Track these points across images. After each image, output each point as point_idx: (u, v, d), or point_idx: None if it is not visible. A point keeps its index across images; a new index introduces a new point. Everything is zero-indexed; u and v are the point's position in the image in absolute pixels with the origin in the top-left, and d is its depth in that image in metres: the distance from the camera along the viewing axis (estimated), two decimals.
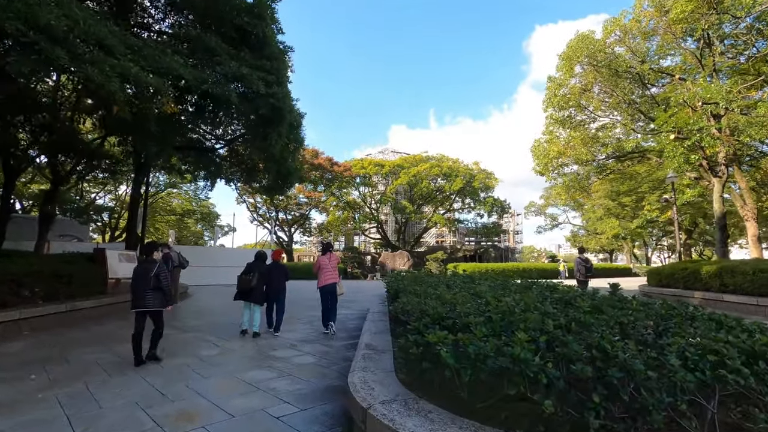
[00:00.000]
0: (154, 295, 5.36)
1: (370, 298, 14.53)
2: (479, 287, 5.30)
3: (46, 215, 15.87)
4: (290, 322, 8.82)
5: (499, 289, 4.88)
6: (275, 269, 7.82)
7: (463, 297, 4.07)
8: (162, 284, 5.38)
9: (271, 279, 7.60)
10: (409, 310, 3.83)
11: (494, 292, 4.56)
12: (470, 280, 7.25)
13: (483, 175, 51.14)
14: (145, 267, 5.47)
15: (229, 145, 17.18)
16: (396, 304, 4.76)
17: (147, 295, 5.32)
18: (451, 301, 3.74)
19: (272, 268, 7.77)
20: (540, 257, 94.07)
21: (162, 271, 5.44)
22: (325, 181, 46.23)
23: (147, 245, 5.86)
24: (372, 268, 38.55)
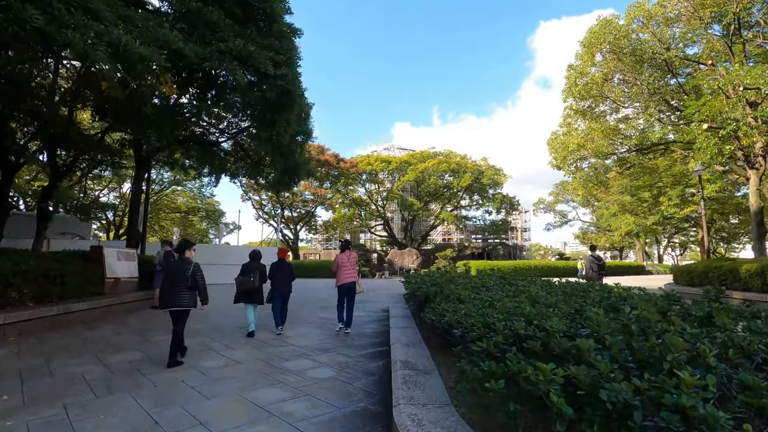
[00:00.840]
0: (190, 294, 5.34)
1: (383, 298, 13.77)
2: (531, 289, 4.54)
3: (43, 212, 15.23)
4: (301, 326, 8.07)
5: (559, 294, 4.10)
6: (282, 268, 7.58)
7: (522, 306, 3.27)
8: (199, 283, 5.37)
9: (277, 278, 7.44)
10: (465, 323, 3.04)
11: (552, 297, 3.78)
12: (505, 281, 6.46)
13: (491, 171, 50.26)
14: (181, 266, 5.42)
15: (234, 138, 16.45)
16: (434, 311, 3.98)
17: (183, 294, 5.27)
18: (519, 311, 2.94)
19: (278, 266, 7.56)
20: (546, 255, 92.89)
21: (198, 270, 5.44)
22: (331, 177, 45.52)
23: (180, 243, 5.76)
24: (379, 266, 37.79)
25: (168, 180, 41.90)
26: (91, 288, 9.12)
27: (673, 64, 16.17)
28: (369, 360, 5.41)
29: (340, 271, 7.57)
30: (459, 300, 4.09)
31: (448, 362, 3.61)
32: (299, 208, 49.57)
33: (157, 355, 5.59)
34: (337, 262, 7.60)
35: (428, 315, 3.99)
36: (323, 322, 8.49)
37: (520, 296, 3.95)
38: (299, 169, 14.86)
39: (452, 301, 4.12)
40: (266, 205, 48.31)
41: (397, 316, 6.32)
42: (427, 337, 4.62)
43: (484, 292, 4.54)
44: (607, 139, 18.75)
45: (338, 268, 7.59)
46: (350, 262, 7.62)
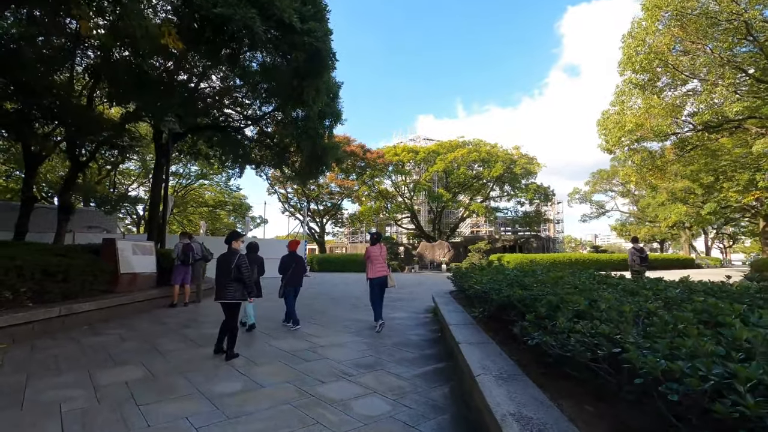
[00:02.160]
0: (236, 287, 5.18)
1: (420, 295, 12.42)
2: (667, 292, 3.12)
3: (65, 204, 14.65)
4: (335, 330, 6.83)
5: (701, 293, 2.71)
6: (295, 261, 7.37)
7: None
8: (243, 275, 5.19)
9: (291, 272, 7.27)
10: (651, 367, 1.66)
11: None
12: (590, 277, 4.97)
13: (524, 160, 48.00)
14: (227, 257, 5.30)
15: (257, 123, 15.39)
16: (556, 336, 2.60)
17: (229, 286, 5.16)
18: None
19: (290, 259, 7.35)
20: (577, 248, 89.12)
21: (243, 262, 5.26)
22: (357, 169, 44.40)
23: (229, 235, 5.55)
24: (406, 259, 36.43)
25: (195, 174, 41.92)
26: (101, 285, 8.18)
27: (755, 26, 13.95)
28: (429, 383, 4.09)
29: (373, 264, 7.25)
30: (579, 313, 2.72)
31: (591, 415, 2.24)
32: (325, 201, 48.76)
33: (162, 373, 4.44)
34: (369, 254, 7.33)
35: (543, 339, 2.62)
36: (360, 326, 7.23)
37: (650, 302, 2.57)
38: (327, 155, 13.65)
39: (567, 312, 2.73)
40: (292, 198, 47.74)
41: (458, 324, 4.95)
42: (524, 362, 3.24)
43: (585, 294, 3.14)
44: (668, 116, 16.65)
45: (369, 261, 7.30)
46: (382, 255, 7.36)
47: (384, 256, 7.43)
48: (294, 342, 5.95)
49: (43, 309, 6.32)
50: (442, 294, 8.80)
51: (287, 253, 7.43)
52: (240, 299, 5.21)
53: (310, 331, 6.80)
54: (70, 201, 14.83)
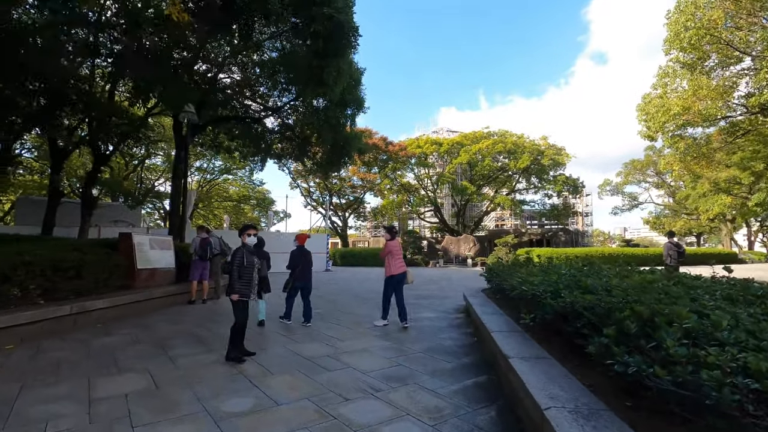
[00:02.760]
0: (233, 282, 4.85)
1: (448, 292, 11.72)
2: None
3: (87, 198, 14.64)
4: (359, 333, 6.24)
5: None
6: (304, 256, 6.98)
7: None
8: (229, 269, 4.88)
9: (300, 267, 6.89)
10: None
11: None
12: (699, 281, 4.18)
13: (552, 151, 46.24)
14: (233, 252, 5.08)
15: (277, 114, 14.93)
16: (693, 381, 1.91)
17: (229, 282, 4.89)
18: None
19: (300, 254, 6.96)
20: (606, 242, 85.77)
21: (235, 255, 4.92)
22: (379, 162, 43.77)
23: (242, 228, 5.18)
24: (429, 253, 35.65)
25: (219, 169, 42.25)
26: (117, 281, 7.87)
27: None
28: (472, 403, 3.44)
29: (393, 260, 6.85)
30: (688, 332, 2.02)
31: None
32: (347, 195, 48.43)
33: (167, 383, 3.95)
34: (390, 249, 6.91)
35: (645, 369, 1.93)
36: (387, 329, 6.62)
37: None
38: (350, 145, 13.07)
39: (672, 331, 2.03)
40: (314, 192, 47.61)
41: (502, 331, 4.28)
42: (601, 388, 2.54)
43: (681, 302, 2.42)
44: (719, 99, 15.25)
45: (391, 256, 6.87)
46: (400, 250, 7.11)
47: (401, 251, 7.15)
48: (314, 346, 5.40)
49: (54, 307, 5.99)
50: (475, 292, 8.10)
51: (295, 248, 7.03)
52: (235, 294, 4.78)
53: (333, 332, 6.24)
54: (92, 195, 14.83)
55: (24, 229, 16.82)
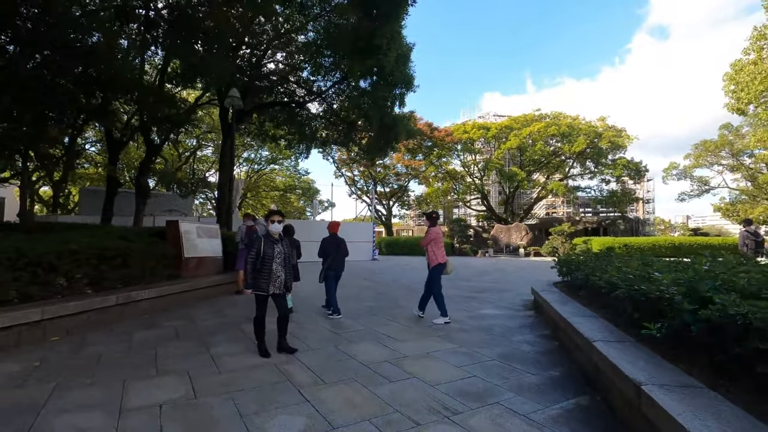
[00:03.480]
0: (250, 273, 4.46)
1: (507, 285, 10.72)
2: None
3: (141, 187, 14.93)
4: (419, 333, 5.51)
5: None
6: (337, 244, 6.70)
7: None
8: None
9: (334, 255, 6.59)
10: None
11: None
12: None
13: (611, 132, 42.95)
14: None
15: (321, 97, 14.40)
16: None
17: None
18: None
19: (332, 242, 6.70)
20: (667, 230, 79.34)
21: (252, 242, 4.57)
22: (423, 149, 42.66)
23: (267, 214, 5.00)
24: (478, 242, 34.28)
25: (266, 159, 43.02)
26: (164, 270, 7.65)
27: None
28: None
29: (438, 248, 6.33)
30: None
31: None
32: (392, 183, 47.80)
33: (206, 391, 3.44)
34: (434, 237, 6.36)
35: None
36: (448, 326, 5.85)
37: None
38: (398, 126, 12.27)
39: None
40: (359, 180, 47.41)
41: (609, 342, 3.38)
42: None
43: None
44: None
45: (435, 244, 6.33)
46: (442, 237, 6.57)
47: (443, 238, 6.61)
48: (369, 347, 4.75)
49: (100, 297, 5.75)
50: (546, 286, 7.12)
51: (328, 236, 6.78)
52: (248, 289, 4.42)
53: (387, 330, 5.57)
54: (146, 184, 15.11)
55: (87, 219, 17.59)
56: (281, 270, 4.47)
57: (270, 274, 4.36)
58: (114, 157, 17.06)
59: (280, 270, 4.45)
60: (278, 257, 4.46)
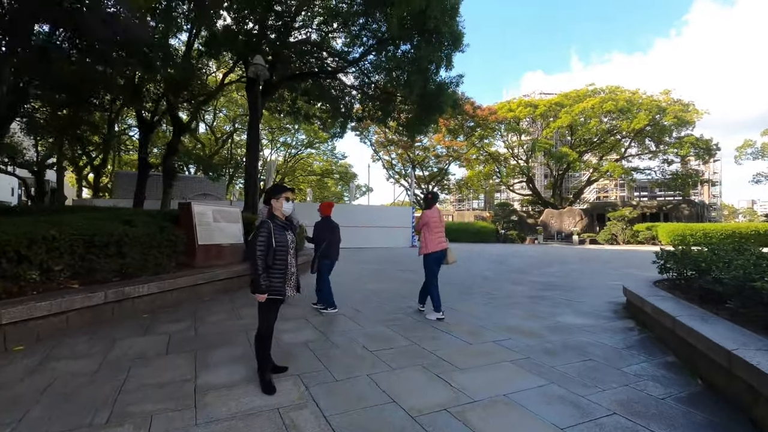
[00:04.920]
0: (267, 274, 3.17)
1: (579, 281, 8.92)
2: None
3: (168, 169, 14.20)
4: (486, 355, 3.99)
5: None
6: (331, 229, 5.73)
7: None
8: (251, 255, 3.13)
9: (328, 241, 5.63)
10: None
11: None
12: None
13: (677, 107, 38.81)
14: None
15: (356, 65, 12.89)
16: None
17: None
18: None
19: (325, 226, 5.73)
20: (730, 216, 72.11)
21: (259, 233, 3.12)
22: (465, 129, 40.28)
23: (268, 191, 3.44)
24: (522, 227, 31.94)
25: (303, 143, 42.33)
26: (173, 260, 6.58)
27: None
28: None
29: (431, 233, 5.45)
30: None
31: None
32: (431, 166, 45.82)
33: None
34: (427, 220, 5.51)
35: None
36: (525, 343, 4.30)
37: None
38: (442, 95, 10.58)
39: None
40: (396, 164, 45.79)
41: None
42: None
43: None
44: None
45: (428, 229, 5.47)
46: (441, 221, 5.64)
47: (443, 223, 5.66)
48: (418, 381, 3.30)
49: (82, 294, 4.67)
50: (645, 286, 5.40)
51: (320, 219, 5.86)
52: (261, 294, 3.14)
53: (439, 348, 4.11)
54: (172, 165, 14.39)
55: (121, 202, 17.28)
56: (293, 265, 3.30)
57: (285, 269, 3.22)
58: (145, 140, 16.52)
59: (293, 265, 3.29)
60: (292, 246, 3.28)
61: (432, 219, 5.48)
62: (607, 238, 25.78)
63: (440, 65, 9.86)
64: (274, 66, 12.51)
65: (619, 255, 17.55)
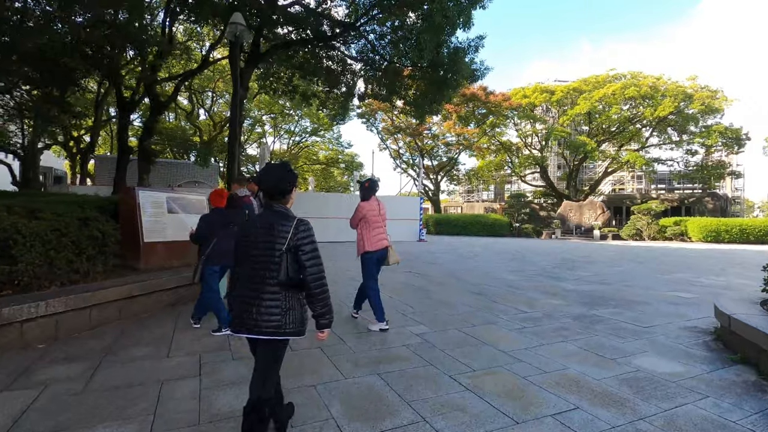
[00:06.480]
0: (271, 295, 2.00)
1: (629, 287, 7.12)
2: None
3: (145, 151, 12.61)
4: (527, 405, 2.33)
5: None
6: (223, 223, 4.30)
7: None
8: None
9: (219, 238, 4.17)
10: None
11: None
12: None
13: (705, 94, 36.45)
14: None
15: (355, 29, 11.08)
16: None
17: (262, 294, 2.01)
18: None
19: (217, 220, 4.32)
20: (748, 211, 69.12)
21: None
22: (477, 116, 38.23)
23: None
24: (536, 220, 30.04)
25: (306, 130, 40.63)
26: (98, 264, 4.95)
27: None
28: None
29: (369, 230, 4.50)
30: None
31: None
32: (440, 156, 43.83)
33: None
34: (363, 213, 4.51)
35: None
36: (621, 428, 2.60)
37: None
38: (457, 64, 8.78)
39: None
40: (404, 153, 43.90)
41: None
42: None
43: None
44: None
45: (365, 223, 4.51)
46: (382, 215, 4.64)
47: (384, 216, 4.73)
48: None
49: None
50: (746, 306, 3.67)
51: (208, 212, 4.93)
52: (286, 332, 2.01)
53: (477, 416, 2.44)
54: (149, 148, 12.79)
55: (102, 189, 15.81)
56: None
57: None
58: (125, 120, 14.95)
59: None
60: None
61: (370, 212, 4.53)
62: (631, 233, 23.83)
63: (456, 23, 8.03)
64: (260, 32, 10.78)
65: (651, 254, 15.68)
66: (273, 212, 2.06)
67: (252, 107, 33.60)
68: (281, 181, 2.07)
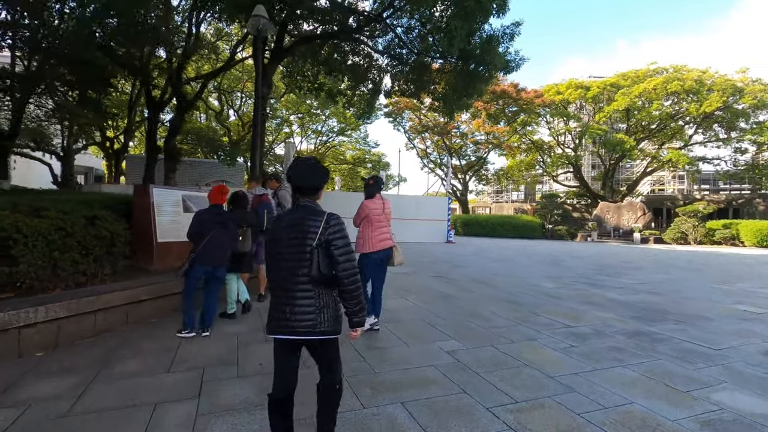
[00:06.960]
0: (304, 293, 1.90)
1: (681, 298, 6.32)
2: None
3: (170, 150, 12.61)
4: None
5: None
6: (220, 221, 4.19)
7: None
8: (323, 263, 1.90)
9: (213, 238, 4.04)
10: None
11: None
12: None
13: (756, 87, 34.02)
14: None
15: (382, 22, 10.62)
16: None
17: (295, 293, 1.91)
18: None
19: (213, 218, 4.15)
20: None
21: None
22: (507, 114, 37.06)
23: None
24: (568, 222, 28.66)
25: (334, 130, 40.63)
26: (106, 265, 4.69)
27: None
28: None
29: (372, 229, 4.24)
30: None
31: None
32: (468, 155, 42.79)
33: None
34: (366, 212, 4.25)
35: None
36: None
37: None
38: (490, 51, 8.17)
39: None
40: (431, 153, 43.16)
41: None
42: None
43: None
44: None
45: (368, 222, 4.26)
46: (386, 214, 4.35)
47: (389, 216, 4.39)
48: None
49: None
50: None
51: (205, 208, 4.36)
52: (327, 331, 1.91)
53: None
54: (175, 146, 12.78)
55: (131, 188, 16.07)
56: None
57: None
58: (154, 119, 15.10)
59: None
60: None
61: (373, 211, 4.27)
62: (675, 236, 22.28)
63: (490, 8, 7.42)
64: (284, 27, 10.50)
65: (701, 259, 14.46)
66: (302, 208, 1.99)
67: (279, 107, 33.79)
68: (313, 177, 2.02)
